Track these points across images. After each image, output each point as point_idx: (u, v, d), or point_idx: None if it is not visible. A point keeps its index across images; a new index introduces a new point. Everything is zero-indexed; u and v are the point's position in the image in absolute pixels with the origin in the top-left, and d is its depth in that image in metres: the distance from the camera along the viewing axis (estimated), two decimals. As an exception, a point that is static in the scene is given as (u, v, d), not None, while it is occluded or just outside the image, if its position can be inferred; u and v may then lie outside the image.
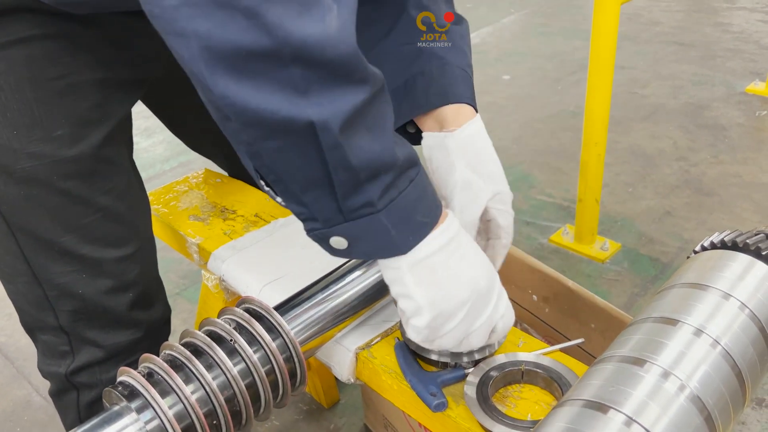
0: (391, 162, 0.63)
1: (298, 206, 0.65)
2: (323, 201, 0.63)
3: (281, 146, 0.59)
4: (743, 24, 3.74)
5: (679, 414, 0.59)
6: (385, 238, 0.65)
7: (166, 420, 0.67)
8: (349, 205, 0.63)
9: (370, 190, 0.62)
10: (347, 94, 0.58)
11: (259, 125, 0.57)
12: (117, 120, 0.94)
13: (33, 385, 1.71)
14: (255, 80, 0.55)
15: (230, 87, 0.55)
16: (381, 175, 0.62)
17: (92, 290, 0.92)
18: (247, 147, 0.61)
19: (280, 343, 0.76)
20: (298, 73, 0.55)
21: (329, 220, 0.64)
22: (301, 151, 0.59)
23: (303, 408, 1.56)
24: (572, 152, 2.50)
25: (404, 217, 0.65)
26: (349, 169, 0.60)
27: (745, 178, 2.29)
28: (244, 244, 1.09)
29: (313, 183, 0.62)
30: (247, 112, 0.56)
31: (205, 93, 0.58)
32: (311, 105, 0.56)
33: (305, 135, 0.57)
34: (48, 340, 0.97)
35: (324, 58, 0.55)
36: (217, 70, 0.55)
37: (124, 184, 0.96)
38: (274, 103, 0.56)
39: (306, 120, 0.56)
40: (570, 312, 1.27)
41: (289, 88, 0.55)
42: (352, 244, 0.66)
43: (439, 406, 0.75)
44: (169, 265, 2.06)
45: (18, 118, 0.84)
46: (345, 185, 0.61)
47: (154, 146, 2.82)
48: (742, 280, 0.72)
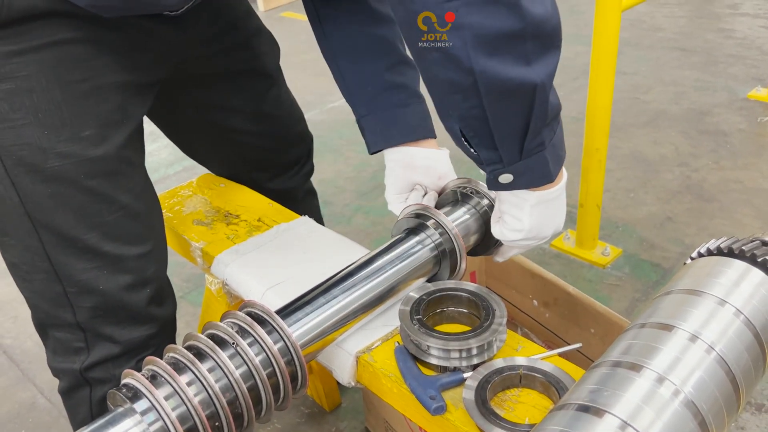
0: (558, 110, 0.81)
1: (489, 152, 0.81)
2: (512, 146, 0.79)
3: (505, 106, 0.75)
4: (746, 30, 3.74)
5: (673, 419, 0.60)
6: (544, 169, 0.82)
7: (169, 422, 0.68)
8: (530, 146, 0.79)
9: (545, 133, 0.79)
10: (554, 58, 0.75)
11: (500, 91, 0.73)
12: (136, 122, 0.99)
13: (38, 387, 1.73)
14: (504, 56, 0.71)
15: (487, 64, 0.70)
16: (552, 120, 0.80)
17: (113, 286, 0.95)
18: (462, 112, 0.76)
19: (282, 347, 0.77)
20: (530, 46, 0.71)
21: (510, 161, 0.81)
22: (519, 108, 0.75)
23: (305, 411, 1.57)
24: (574, 158, 2.50)
25: (556, 152, 0.83)
26: (544, 117, 0.77)
27: (746, 184, 2.30)
28: (247, 248, 1.10)
29: (513, 132, 0.78)
30: (496, 82, 0.72)
31: (459, 72, 0.72)
32: (534, 71, 0.72)
33: (528, 94, 0.74)
34: (62, 337, 0.99)
35: (547, 31, 0.72)
36: (480, 53, 0.70)
37: (142, 183, 1.00)
38: (514, 72, 0.71)
39: (533, 83, 0.73)
40: (570, 317, 1.28)
41: (522, 60, 0.71)
42: (517, 177, 0.82)
43: (438, 409, 0.76)
44: (172, 268, 2.05)
45: (48, 118, 0.88)
46: (534, 131, 0.78)
47: (158, 150, 2.84)
48: (737, 287, 0.73)
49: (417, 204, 0.97)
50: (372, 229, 2.21)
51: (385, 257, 0.91)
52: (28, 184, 0.89)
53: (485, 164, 0.83)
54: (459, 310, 0.90)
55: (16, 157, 0.87)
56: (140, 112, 1.00)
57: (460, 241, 0.92)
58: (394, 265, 0.91)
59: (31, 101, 0.86)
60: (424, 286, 0.91)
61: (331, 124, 2.98)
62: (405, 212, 0.98)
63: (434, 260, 0.94)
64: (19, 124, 0.86)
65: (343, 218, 2.30)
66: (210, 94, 1.18)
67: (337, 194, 2.44)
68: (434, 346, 0.81)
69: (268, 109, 1.24)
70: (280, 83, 1.26)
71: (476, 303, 0.87)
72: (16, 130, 0.87)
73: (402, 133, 1.01)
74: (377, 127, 1.02)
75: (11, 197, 0.89)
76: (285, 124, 1.28)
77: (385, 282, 0.89)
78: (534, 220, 0.87)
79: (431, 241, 0.93)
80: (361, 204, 2.37)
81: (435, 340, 0.81)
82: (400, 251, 0.92)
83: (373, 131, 1.03)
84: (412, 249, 0.93)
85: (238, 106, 1.20)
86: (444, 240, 0.93)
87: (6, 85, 0.85)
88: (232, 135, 1.24)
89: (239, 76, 1.18)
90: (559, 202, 0.89)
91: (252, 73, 1.20)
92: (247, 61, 1.18)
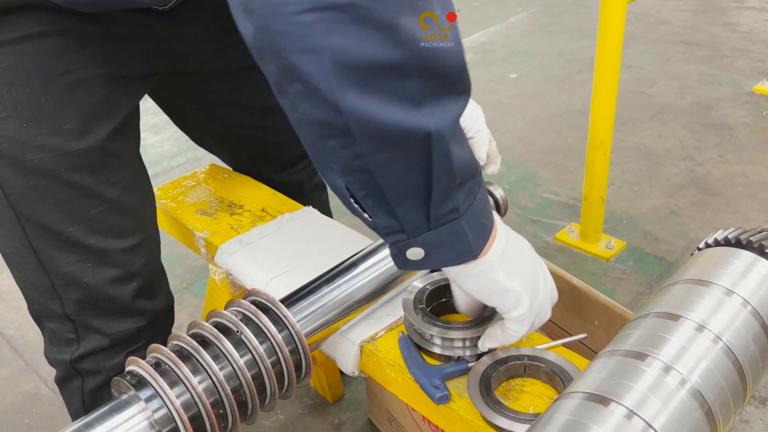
0: (475, 168, 0.67)
1: (387, 218, 0.65)
2: (414, 211, 0.64)
3: (392, 157, 0.60)
4: (751, 24, 3.72)
5: (679, 408, 0.60)
6: (463, 242, 0.67)
7: (173, 409, 0.68)
8: (439, 212, 0.64)
9: (458, 196, 0.64)
10: (455, 103, 0.60)
11: (379, 138, 0.58)
12: (124, 114, 0.96)
13: (41, 377, 1.73)
14: (380, 94, 0.56)
15: (358, 101, 0.55)
16: (467, 181, 0.65)
17: (98, 279, 0.94)
18: (345, 162, 0.61)
19: (286, 335, 0.77)
20: (417, 84, 0.56)
21: (415, 230, 0.65)
22: (411, 162, 0.60)
23: (308, 402, 1.57)
24: (578, 151, 2.50)
25: (477, 221, 0.68)
26: (451, 175, 0.62)
27: (751, 178, 2.29)
28: (251, 238, 1.10)
29: (411, 193, 0.63)
30: (371, 125, 0.57)
31: (325, 108, 0.57)
32: (426, 116, 0.58)
33: (420, 145, 0.59)
34: (55, 328, 0.99)
35: (442, 70, 0.58)
36: (347, 85, 0.55)
37: (131, 176, 0.98)
38: (396, 115, 0.57)
39: (424, 130, 0.58)
40: (574, 309, 1.28)
41: (406, 100, 0.57)
42: (429, 253, 0.67)
43: (442, 398, 0.75)
44: (176, 259, 2.07)
45: (27, 111, 0.86)
46: (442, 192, 0.63)
47: (161, 143, 2.83)
48: (744, 277, 0.72)
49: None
50: (375, 222, 2.21)
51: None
52: (9, 176, 0.87)
53: (384, 234, 0.67)
54: None
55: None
56: (130, 104, 0.98)
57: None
58: (398, 255, 0.90)
59: (9, 94, 0.85)
60: (429, 276, 0.90)
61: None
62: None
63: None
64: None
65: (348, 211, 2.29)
66: (217, 90, 1.17)
67: (340, 187, 2.44)
68: (437, 335, 0.80)
69: (276, 104, 1.21)
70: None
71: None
72: None
73: None
74: None
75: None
76: None
77: (389, 272, 0.89)
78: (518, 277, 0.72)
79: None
80: (365, 197, 2.36)
81: (438, 329, 0.81)
82: (405, 241, 0.92)
83: None
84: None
85: (246, 102, 1.19)
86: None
87: None
88: (240, 129, 1.23)
89: (247, 71, 1.17)
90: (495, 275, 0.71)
91: (258, 68, 1.19)
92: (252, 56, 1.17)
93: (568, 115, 2.86)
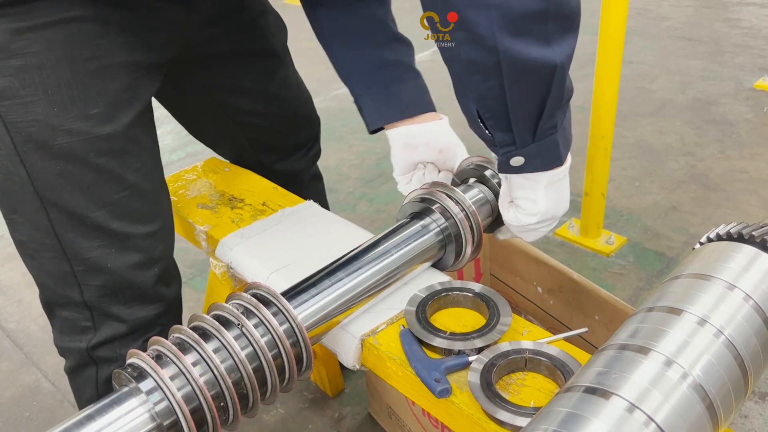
0: (571, 92, 0.81)
1: (504, 134, 0.81)
2: (527, 128, 0.80)
3: (524, 86, 0.75)
4: (753, 20, 3.71)
5: (681, 401, 0.60)
6: (554, 152, 0.83)
7: (174, 401, 0.68)
8: (543, 128, 0.80)
9: (558, 115, 0.80)
10: (573, 39, 0.75)
11: (520, 71, 0.74)
12: (144, 102, 0.98)
13: (42, 370, 1.73)
14: (528, 37, 0.72)
15: (512, 44, 0.72)
16: (565, 103, 0.80)
17: (121, 264, 0.95)
18: (481, 92, 0.77)
19: (287, 328, 0.77)
20: (552, 27, 0.72)
21: (523, 143, 0.81)
22: (537, 88, 0.76)
23: (308, 396, 1.57)
24: (579, 146, 2.48)
25: (565, 135, 0.84)
26: (560, 99, 0.78)
27: (752, 174, 2.29)
28: (252, 232, 1.10)
29: (529, 113, 0.78)
30: (519, 61, 0.73)
31: (483, 51, 0.73)
32: (554, 51, 0.73)
33: (547, 75, 0.74)
34: (69, 316, 0.99)
35: (567, 11, 0.73)
36: (506, 32, 0.71)
37: (150, 164, 1.00)
38: (537, 52, 0.72)
39: (553, 63, 0.74)
40: (574, 304, 1.28)
41: (543, 40, 0.72)
42: (528, 160, 0.83)
43: (443, 392, 0.75)
44: (176, 254, 2.06)
45: (57, 95, 0.87)
46: (549, 112, 0.78)
47: (162, 137, 2.82)
48: (747, 272, 0.72)
49: (423, 187, 0.97)
50: (376, 217, 2.21)
51: (390, 241, 0.91)
52: (36, 161, 0.88)
53: (498, 146, 0.83)
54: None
55: (25, 134, 0.87)
56: (149, 92, 1.00)
57: (466, 226, 0.92)
58: (399, 249, 0.90)
59: (40, 78, 0.86)
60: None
61: (335, 111, 2.97)
62: (410, 196, 0.97)
63: (439, 245, 0.94)
64: (28, 101, 0.86)
65: (347, 206, 2.29)
66: (218, 75, 1.17)
67: (341, 182, 2.44)
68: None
69: (276, 90, 1.23)
70: (287, 64, 1.25)
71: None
72: (26, 106, 0.86)
73: (399, 109, 1.00)
74: (373, 105, 1.02)
75: (20, 174, 0.89)
76: (293, 105, 1.28)
77: (390, 266, 0.89)
78: (549, 202, 0.88)
79: (437, 225, 0.93)
80: (366, 191, 2.36)
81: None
82: (406, 235, 0.92)
83: (369, 110, 1.03)
84: (418, 233, 0.92)
85: (246, 87, 1.20)
86: (450, 225, 0.93)
87: (16, 62, 0.85)
88: (240, 116, 1.23)
89: (247, 56, 1.17)
90: (567, 182, 0.90)
91: (259, 53, 1.19)
92: (254, 41, 1.17)
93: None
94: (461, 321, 0.87)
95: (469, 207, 0.93)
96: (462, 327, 0.86)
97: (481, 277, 1.47)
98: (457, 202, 0.93)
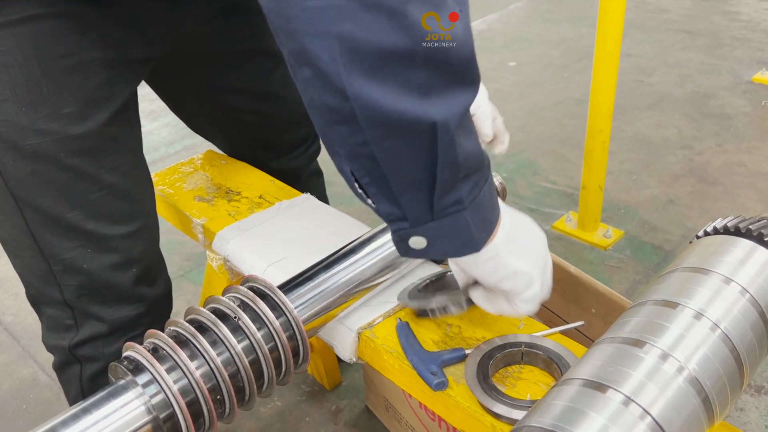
0: (482, 160, 0.66)
1: (390, 207, 0.66)
2: (417, 201, 0.64)
3: (397, 146, 0.60)
4: (751, 13, 3.71)
5: (677, 395, 0.60)
6: (465, 234, 0.67)
7: (170, 394, 0.68)
8: (442, 204, 0.64)
9: (462, 188, 0.64)
10: (463, 95, 0.60)
11: (384, 125, 0.58)
12: (124, 99, 0.95)
13: (39, 363, 1.73)
14: (388, 81, 0.56)
15: (365, 87, 0.56)
16: (473, 174, 0.65)
17: (97, 265, 0.94)
18: (352, 149, 0.62)
19: (284, 321, 0.77)
20: (424, 74, 0.56)
21: (418, 220, 0.66)
22: (415, 151, 0.60)
23: (305, 390, 1.58)
24: (577, 139, 2.50)
25: (481, 215, 0.68)
26: (455, 167, 0.62)
27: (749, 167, 2.29)
28: (249, 224, 1.09)
29: (415, 183, 0.63)
30: (377, 112, 0.57)
31: (334, 94, 0.57)
32: (433, 106, 0.58)
33: (425, 135, 0.59)
34: (53, 314, 0.99)
35: (451, 61, 0.57)
36: (355, 71, 0.55)
37: (130, 162, 0.98)
38: (403, 103, 0.57)
39: (430, 120, 0.58)
40: (571, 297, 1.28)
41: (415, 90, 0.57)
42: (431, 242, 0.67)
43: (439, 385, 0.76)
44: (173, 247, 2.07)
45: (26, 95, 0.85)
46: (445, 184, 0.63)
47: (158, 130, 2.82)
48: (743, 265, 0.72)
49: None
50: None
51: (388, 234, 0.91)
52: (8, 161, 0.87)
53: (387, 221, 0.68)
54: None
55: None
56: (129, 89, 0.97)
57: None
58: (396, 243, 0.90)
59: (8, 77, 0.84)
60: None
61: (332, 104, 2.96)
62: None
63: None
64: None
65: (344, 199, 2.29)
66: (215, 74, 1.16)
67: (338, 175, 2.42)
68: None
69: (274, 89, 1.22)
70: (284, 63, 1.24)
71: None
72: None
73: None
74: None
75: None
76: (291, 104, 1.27)
77: (387, 259, 0.89)
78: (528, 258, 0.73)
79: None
80: (363, 184, 2.36)
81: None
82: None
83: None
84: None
85: (243, 86, 1.19)
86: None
87: None
88: (237, 115, 1.22)
89: (243, 55, 1.16)
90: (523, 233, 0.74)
91: (256, 52, 1.18)
92: (251, 40, 1.16)
93: (567, 104, 2.85)
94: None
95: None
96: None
97: (478, 271, 1.47)
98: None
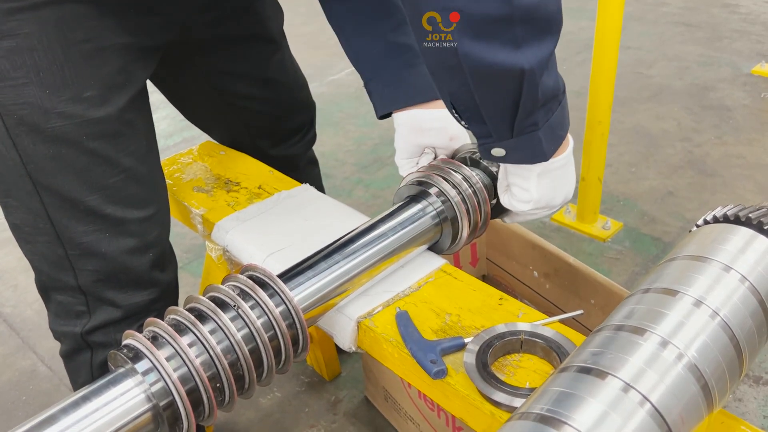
0: (557, 93, 0.79)
1: (480, 127, 0.80)
2: (502, 124, 0.78)
3: (491, 89, 0.74)
4: (751, 5, 3.70)
5: (676, 381, 0.60)
6: (537, 148, 0.81)
7: (170, 382, 0.68)
8: (521, 125, 0.78)
9: (538, 115, 0.77)
10: (548, 44, 0.73)
11: (484, 74, 0.73)
12: (138, 85, 0.97)
13: (38, 355, 1.73)
14: (490, 40, 0.70)
15: (472, 47, 0.70)
16: (548, 102, 0.78)
17: (115, 249, 0.94)
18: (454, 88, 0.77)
19: (283, 310, 0.77)
20: (520, 30, 0.69)
21: (500, 136, 0.80)
22: (506, 91, 0.74)
23: (304, 380, 1.58)
24: (576, 132, 2.48)
25: (552, 132, 0.81)
26: (535, 101, 0.75)
27: (748, 159, 2.29)
28: (248, 215, 1.09)
29: (502, 111, 0.77)
30: (480, 65, 0.72)
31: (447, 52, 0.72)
32: (524, 55, 0.71)
33: (515, 78, 0.72)
34: (64, 300, 0.99)
35: (540, 16, 0.70)
36: (465, 36, 0.70)
37: (145, 147, 0.99)
38: (500, 56, 0.70)
39: (520, 68, 0.71)
40: (570, 288, 1.28)
41: (509, 44, 0.70)
42: (509, 153, 0.82)
43: (438, 373, 0.76)
44: (172, 239, 2.06)
45: (50, 78, 0.86)
46: (525, 112, 0.76)
47: (157, 122, 2.79)
48: (743, 254, 0.72)
49: (420, 170, 0.96)
50: (372, 202, 2.21)
51: (387, 224, 0.91)
52: (29, 144, 0.87)
53: (477, 137, 0.83)
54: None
55: (17, 117, 0.86)
56: (143, 76, 0.99)
57: (462, 209, 0.92)
58: (395, 232, 0.90)
59: (32, 60, 0.85)
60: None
61: (330, 97, 2.96)
62: (407, 179, 0.97)
63: (436, 227, 0.93)
64: (20, 83, 0.85)
65: (343, 191, 2.29)
66: (214, 60, 1.16)
67: (337, 167, 2.43)
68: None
69: (272, 75, 1.23)
70: (284, 48, 1.24)
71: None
72: (17, 89, 0.85)
73: (408, 94, 0.99)
74: (383, 90, 1.01)
75: (12, 158, 0.88)
76: (289, 90, 1.27)
77: (386, 248, 0.89)
78: (542, 190, 0.86)
79: (433, 208, 0.93)
80: (362, 177, 2.36)
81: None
82: (402, 218, 0.92)
83: (379, 95, 1.02)
84: (414, 216, 0.92)
85: (242, 72, 1.19)
86: (446, 208, 0.92)
87: (7, 43, 0.84)
88: (236, 101, 1.22)
89: (243, 41, 1.16)
90: (567, 170, 0.87)
91: (256, 37, 1.18)
92: (250, 25, 1.16)
93: (566, 96, 2.85)
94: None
95: (466, 190, 0.93)
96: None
97: (477, 262, 1.47)
98: (453, 185, 0.93)
